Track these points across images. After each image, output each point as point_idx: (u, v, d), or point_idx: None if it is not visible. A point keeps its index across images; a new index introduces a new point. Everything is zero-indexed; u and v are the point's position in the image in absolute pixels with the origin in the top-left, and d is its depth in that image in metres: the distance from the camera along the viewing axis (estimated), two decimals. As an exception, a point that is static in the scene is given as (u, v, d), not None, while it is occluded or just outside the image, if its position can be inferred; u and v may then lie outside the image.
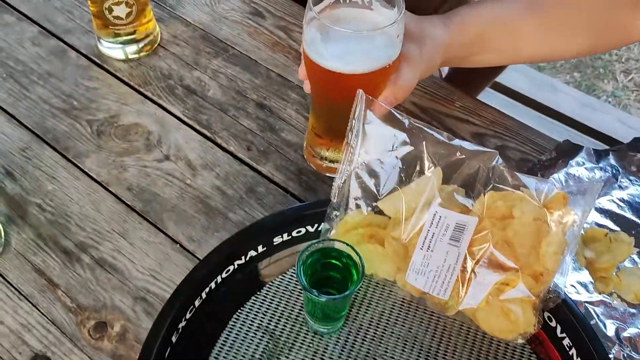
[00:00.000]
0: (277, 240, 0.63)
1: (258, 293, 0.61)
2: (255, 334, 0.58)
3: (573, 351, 0.55)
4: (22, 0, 0.88)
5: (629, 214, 0.69)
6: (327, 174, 0.71)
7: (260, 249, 0.62)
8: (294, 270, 0.63)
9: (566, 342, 0.56)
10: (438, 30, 0.65)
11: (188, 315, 0.57)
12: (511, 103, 1.42)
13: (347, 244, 0.53)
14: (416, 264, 0.55)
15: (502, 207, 0.54)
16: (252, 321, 0.59)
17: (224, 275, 0.60)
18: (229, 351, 0.57)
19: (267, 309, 0.60)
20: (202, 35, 0.86)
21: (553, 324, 0.57)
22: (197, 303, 0.58)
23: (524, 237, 0.53)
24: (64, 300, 0.61)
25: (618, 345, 0.59)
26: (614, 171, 0.72)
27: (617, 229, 0.67)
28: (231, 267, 0.61)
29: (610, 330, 0.60)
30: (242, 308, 0.60)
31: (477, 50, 0.70)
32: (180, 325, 0.56)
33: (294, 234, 0.64)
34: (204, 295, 0.59)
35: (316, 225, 0.64)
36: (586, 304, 0.62)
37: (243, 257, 0.61)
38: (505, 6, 0.69)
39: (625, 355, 0.58)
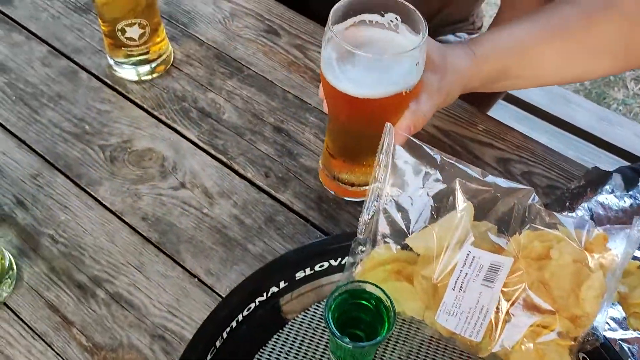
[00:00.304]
0: (300, 275, 0.61)
1: (280, 331, 0.59)
2: (279, 376, 0.56)
3: (611, 396, 0.53)
4: (30, 17, 0.86)
5: (661, 245, 0.66)
6: (341, 196, 0.69)
7: (282, 284, 0.60)
8: (317, 306, 0.61)
9: (603, 385, 0.54)
10: (461, 61, 0.63)
11: (209, 357, 0.55)
12: (524, 115, 1.40)
13: (379, 287, 0.51)
14: (447, 304, 0.53)
15: (539, 247, 0.52)
16: (275, 362, 0.57)
17: (245, 313, 0.58)
18: (252, 396, 0.54)
19: (290, 348, 0.58)
20: (216, 54, 0.84)
21: (589, 366, 0.55)
22: (218, 344, 0.56)
23: (562, 279, 0.51)
24: (79, 338, 0.58)
25: (656, 386, 0.57)
26: (645, 199, 0.70)
27: (650, 261, 0.65)
28: (252, 305, 0.59)
29: (647, 371, 0.58)
30: (264, 348, 0.57)
31: (498, 79, 0.68)
32: (201, 369, 0.54)
33: (317, 268, 0.61)
34: (225, 335, 0.56)
35: (339, 259, 0.61)
36: (620, 342, 0.59)
37: (265, 294, 0.59)
38: (527, 31, 0.67)
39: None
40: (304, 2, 1.14)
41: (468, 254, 0.52)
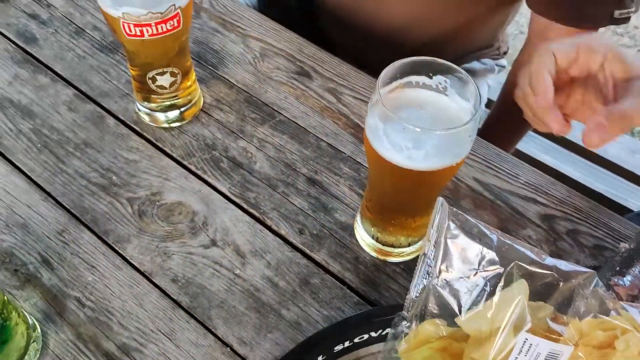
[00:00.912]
0: (338, 347, 0.58)
1: (318, 411, 0.55)
2: None
3: None
4: (55, 57, 0.84)
5: None
6: (380, 257, 0.66)
7: (320, 358, 0.57)
8: (357, 381, 0.57)
9: None
10: None
11: None
12: (552, 147, 1.36)
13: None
14: (501, 392, 0.50)
15: (601, 336, 0.48)
16: None
17: (282, 391, 0.55)
18: None
19: None
20: (247, 98, 0.81)
21: None
22: None
23: (628, 372, 0.47)
24: (108, 415, 0.56)
25: None
26: (700, 263, 0.66)
27: None
28: (290, 382, 0.56)
29: None
30: None
31: None
32: None
33: (356, 340, 0.58)
34: (261, 416, 0.54)
35: (380, 330, 0.58)
36: None
37: (302, 370, 0.56)
38: None
39: None
40: (318, 30, 1.12)
41: (525, 342, 0.49)
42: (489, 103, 1.32)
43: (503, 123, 1.17)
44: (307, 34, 1.09)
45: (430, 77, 0.56)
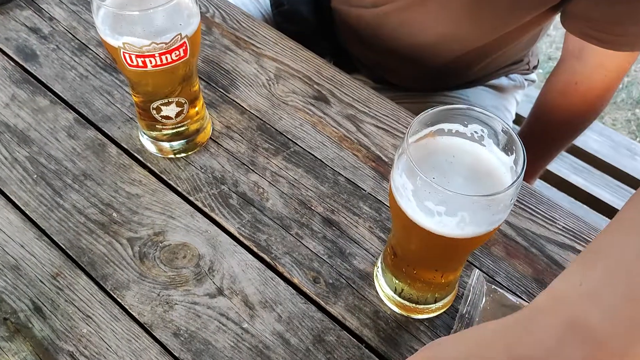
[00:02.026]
0: (355, 422, 0.52)
1: None
2: None
3: None
4: (55, 77, 0.78)
5: None
6: (402, 313, 0.60)
7: None
8: None
9: None
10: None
11: None
12: (583, 167, 1.29)
13: None
14: None
15: None
16: None
17: None
18: None
19: None
20: (259, 125, 0.75)
21: None
22: None
23: None
24: None
25: None
26: None
27: None
28: None
29: None
30: None
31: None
32: None
33: (375, 412, 0.53)
34: None
35: (402, 402, 0.53)
36: None
37: None
38: None
39: None
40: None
41: None
42: (517, 118, 1.25)
43: (534, 142, 1.10)
44: (325, 47, 1.03)
45: (465, 126, 0.49)
